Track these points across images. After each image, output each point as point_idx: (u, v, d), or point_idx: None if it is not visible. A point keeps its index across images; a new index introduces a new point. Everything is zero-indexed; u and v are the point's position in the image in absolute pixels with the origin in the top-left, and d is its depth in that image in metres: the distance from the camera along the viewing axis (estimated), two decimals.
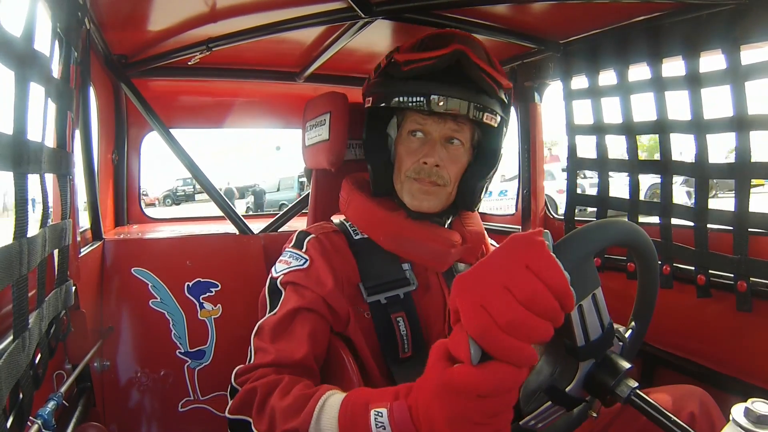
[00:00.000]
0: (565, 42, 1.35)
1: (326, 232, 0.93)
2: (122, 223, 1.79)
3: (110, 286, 1.42)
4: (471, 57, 0.82)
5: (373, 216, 0.92)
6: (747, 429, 0.43)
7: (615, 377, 0.56)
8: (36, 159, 0.66)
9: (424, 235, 0.89)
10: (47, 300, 0.78)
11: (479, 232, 1.00)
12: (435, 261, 0.91)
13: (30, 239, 0.63)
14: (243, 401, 0.69)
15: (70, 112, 0.90)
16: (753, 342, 1.03)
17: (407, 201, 0.90)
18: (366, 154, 0.94)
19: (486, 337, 0.43)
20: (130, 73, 1.50)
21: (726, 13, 0.98)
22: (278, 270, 0.88)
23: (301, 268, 0.85)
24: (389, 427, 0.54)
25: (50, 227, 0.77)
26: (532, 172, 1.62)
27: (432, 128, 0.88)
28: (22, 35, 0.62)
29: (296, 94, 1.85)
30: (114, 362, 1.42)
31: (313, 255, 0.87)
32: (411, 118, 0.89)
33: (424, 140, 0.88)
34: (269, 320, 0.81)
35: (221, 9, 1.14)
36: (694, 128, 1.07)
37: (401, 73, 0.85)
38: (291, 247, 0.91)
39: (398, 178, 0.91)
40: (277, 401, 0.66)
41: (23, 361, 0.63)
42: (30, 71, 0.63)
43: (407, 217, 0.90)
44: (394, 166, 0.92)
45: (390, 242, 0.90)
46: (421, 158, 0.87)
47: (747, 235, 1.00)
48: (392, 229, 0.90)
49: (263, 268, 1.50)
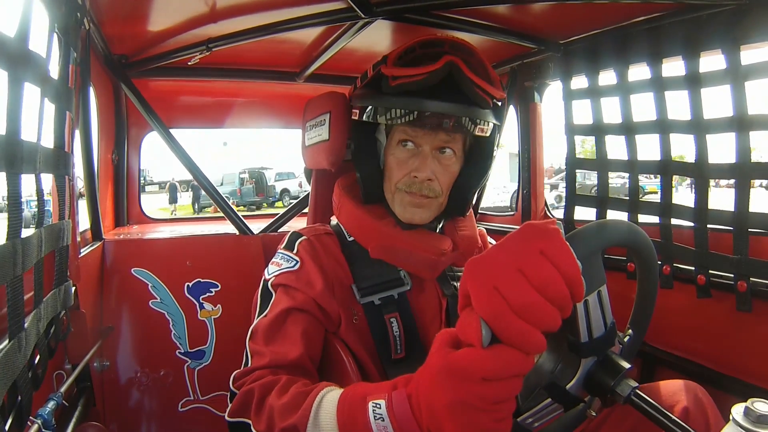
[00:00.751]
0: (565, 42, 1.35)
1: (318, 234, 0.92)
2: (122, 223, 1.79)
3: (110, 286, 1.42)
4: (464, 70, 0.78)
5: (363, 224, 0.91)
6: (747, 429, 0.43)
7: (615, 377, 0.56)
8: (30, 159, 0.66)
9: (414, 244, 0.87)
10: (45, 300, 0.77)
11: (471, 237, 0.97)
12: (425, 270, 0.89)
13: (24, 240, 0.63)
14: (241, 403, 0.69)
15: (69, 112, 0.90)
16: (753, 342, 1.03)
17: (398, 212, 0.89)
18: (355, 162, 0.92)
19: (498, 320, 0.42)
20: (130, 73, 1.50)
21: (726, 13, 0.98)
22: (270, 272, 0.88)
23: (291, 270, 0.86)
24: (388, 418, 0.53)
25: (46, 228, 0.77)
26: (532, 172, 1.62)
27: (423, 140, 0.85)
28: (16, 35, 0.62)
29: (296, 94, 1.85)
30: (114, 362, 1.42)
31: (303, 257, 0.87)
32: (400, 129, 0.86)
33: (415, 151, 0.86)
34: (261, 323, 0.81)
35: (221, 9, 1.14)
36: (694, 128, 1.07)
37: (389, 88, 0.82)
38: (282, 248, 0.92)
39: (389, 188, 0.89)
40: (274, 400, 0.65)
41: (20, 361, 0.63)
42: (24, 71, 0.63)
43: (396, 225, 0.89)
44: (384, 173, 0.90)
45: (380, 252, 0.89)
46: (413, 172, 0.84)
47: (747, 235, 1.00)
48: (381, 240, 0.88)
49: (263, 269, 1.48)
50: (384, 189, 0.91)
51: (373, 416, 0.54)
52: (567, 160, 1.42)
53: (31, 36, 0.66)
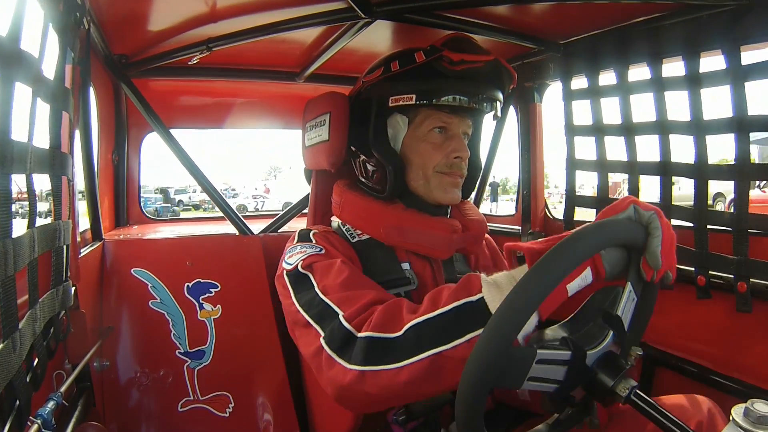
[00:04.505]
0: (565, 42, 1.35)
1: (326, 231, 0.95)
2: (122, 223, 1.79)
3: (110, 286, 1.42)
4: (502, 62, 0.91)
5: (371, 211, 0.93)
6: (747, 429, 0.43)
7: (615, 377, 0.56)
8: (20, 159, 0.66)
9: (426, 223, 0.90)
10: (41, 301, 0.77)
11: (480, 221, 1.01)
12: (438, 248, 0.91)
13: (15, 240, 0.63)
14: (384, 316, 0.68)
15: (66, 112, 0.90)
16: (753, 342, 1.03)
17: (438, 196, 0.92)
18: (381, 155, 0.92)
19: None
20: (131, 73, 1.50)
21: (726, 13, 0.98)
22: (293, 261, 0.86)
23: (318, 253, 0.86)
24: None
25: (39, 228, 0.76)
26: (532, 172, 1.62)
27: (455, 125, 0.92)
28: (8, 35, 0.62)
29: (296, 94, 1.85)
30: (114, 362, 1.42)
31: (323, 244, 0.88)
32: (435, 116, 0.90)
33: (446, 135, 0.92)
34: (329, 282, 0.78)
35: (221, 9, 1.14)
36: (693, 129, 1.07)
37: (453, 72, 0.86)
38: (297, 242, 0.92)
39: (419, 175, 0.92)
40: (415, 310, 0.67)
41: (15, 361, 0.63)
42: (15, 71, 0.63)
43: (406, 209, 0.92)
44: (410, 163, 0.92)
45: (391, 234, 0.90)
46: (453, 153, 0.90)
47: (747, 236, 1.00)
48: (392, 221, 0.90)
49: (263, 269, 1.50)
50: (409, 178, 0.93)
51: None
52: (567, 161, 1.42)
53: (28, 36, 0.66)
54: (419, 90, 0.88)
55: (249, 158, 64.78)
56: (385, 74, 0.91)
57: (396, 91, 0.90)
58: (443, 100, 0.87)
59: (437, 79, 0.88)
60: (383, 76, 0.91)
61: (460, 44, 0.90)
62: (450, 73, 0.86)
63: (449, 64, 0.85)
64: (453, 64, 0.85)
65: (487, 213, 1.92)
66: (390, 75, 0.90)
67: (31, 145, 0.71)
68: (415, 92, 0.89)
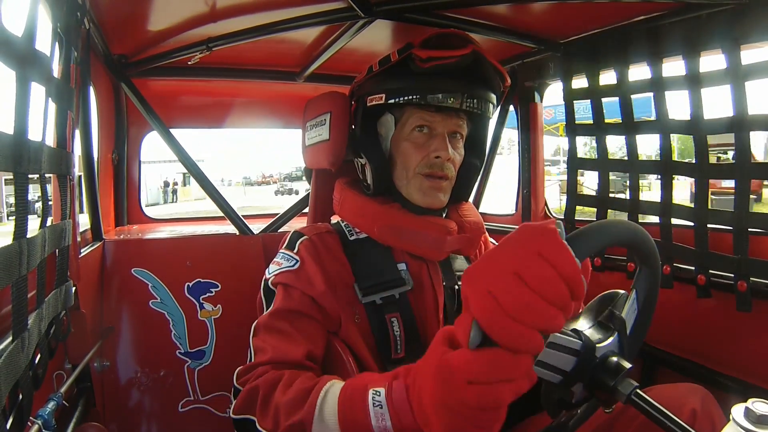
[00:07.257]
0: (565, 42, 1.35)
1: (320, 233, 0.93)
2: (122, 223, 1.79)
3: (110, 286, 1.42)
4: (485, 56, 0.85)
5: (367, 210, 0.92)
6: (747, 429, 0.42)
7: (616, 377, 0.56)
8: (36, 159, 0.66)
9: (420, 224, 0.90)
10: (47, 300, 0.77)
11: (477, 222, 0.99)
12: (432, 249, 0.90)
13: (30, 240, 0.63)
14: (246, 400, 0.69)
15: (71, 111, 0.90)
16: (753, 342, 1.03)
17: (417, 198, 0.90)
18: (365, 153, 0.93)
19: (491, 322, 0.42)
20: (130, 72, 1.50)
21: (726, 13, 0.98)
22: (270, 271, 0.89)
23: (291, 269, 0.86)
24: (386, 405, 0.54)
25: (50, 227, 0.77)
26: (532, 172, 1.62)
27: (439, 124, 0.89)
28: (23, 35, 0.62)
29: (296, 94, 1.85)
30: (114, 362, 1.42)
31: (304, 256, 0.87)
32: (417, 115, 0.89)
33: (430, 135, 0.89)
34: (263, 319, 0.82)
35: (221, 9, 1.14)
36: (693, 128, 1.07)
37: (421, 69, 0.84)
38: (284, 248, 0.92)
39: (403, 175, 0.91)
40: (279, 396, 0.66)
41: (22, 361, 0.63)
42: (31, 71, 0.63)
43: (402, 209, 0.91)
44: (395, 163, 0.92)
45: (385, 234, 0.90)
46: (433, 153, 0.88)
47: (747, 235, 1.00)
48: (387, 221, 0.90)
49: (263, 269, 1.48)
50: (395, 177, 0.93)
51: (372, 403, 0.56)
52: (568, 160, 1.42)
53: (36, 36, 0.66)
54: (387, 89, 0.89)
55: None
56: (368, 74, 0.93)
57: (373, 90, 0.91)
58: (413, 99, 0.86)
59: (405, 78, 0.87)
60: (367, 76, 0.93)
61: (439, 40, 0.88)
62: (419, 71, 0.85)
63: (419, 62, 0.84)
64: (422, 61, 0.84)
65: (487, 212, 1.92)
66: (372, 75, 0.92)
67: (44, 144, 0.71)
68: (385, 92, 0.89)
